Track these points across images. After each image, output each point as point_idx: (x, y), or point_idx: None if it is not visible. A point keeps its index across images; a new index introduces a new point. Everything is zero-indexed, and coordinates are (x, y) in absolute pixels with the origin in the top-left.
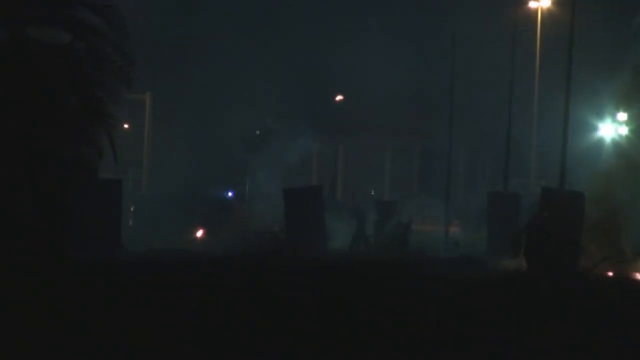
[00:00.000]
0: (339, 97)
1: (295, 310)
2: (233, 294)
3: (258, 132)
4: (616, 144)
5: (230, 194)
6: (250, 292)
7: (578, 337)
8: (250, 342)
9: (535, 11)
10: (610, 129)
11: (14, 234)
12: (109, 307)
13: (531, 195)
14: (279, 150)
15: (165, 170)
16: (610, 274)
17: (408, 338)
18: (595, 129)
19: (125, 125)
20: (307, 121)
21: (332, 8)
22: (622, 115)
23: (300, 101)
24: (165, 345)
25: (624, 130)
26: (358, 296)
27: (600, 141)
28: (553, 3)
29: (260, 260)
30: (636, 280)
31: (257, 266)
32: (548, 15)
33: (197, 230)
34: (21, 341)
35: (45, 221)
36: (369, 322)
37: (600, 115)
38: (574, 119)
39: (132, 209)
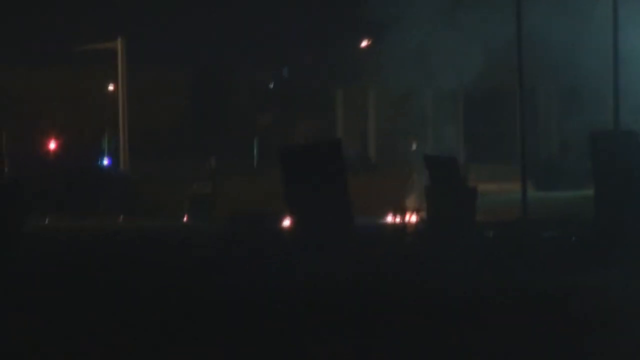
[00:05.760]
0: (364, 43)
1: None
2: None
3: (271, 85)
4: None
5: (106, 161)
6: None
7: None
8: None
9: None
10: None
11: None
12: None
13: None
14: (297, 106)
15: (148, 140)
16: None
17: None
18: None
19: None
20: (330, 69)
21: None
22: None
23: (320, 47)
24: None
25: None
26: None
27: None
28: None
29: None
30: None
31: None
32: None
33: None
34: None
35: None
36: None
37: None
38: None
39: None
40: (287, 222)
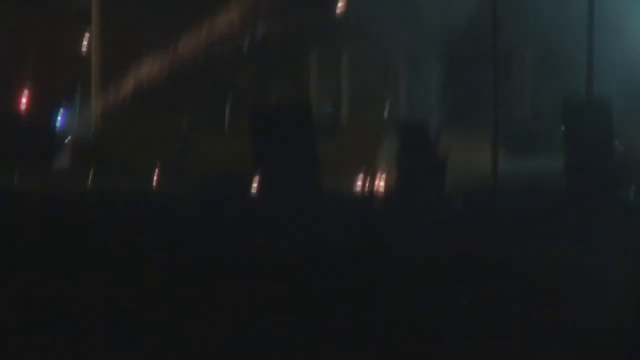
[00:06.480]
0: (340, 3)
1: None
2: None
3: (246, 45)
4: None
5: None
6: None
7: None
8: None
9: None
10: None
11: None
12: None
13: None
14: (272, 67)
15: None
16: None
17: None
18: None
19: None
20: (306, 29)
21: None
22: None
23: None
24: None
25: None
26: None
27: None
28: None
29: None
30: None
31: None
32: None
33: None
34: None
35: None
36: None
37: None
38: None
39: None
40: (257, 184)
